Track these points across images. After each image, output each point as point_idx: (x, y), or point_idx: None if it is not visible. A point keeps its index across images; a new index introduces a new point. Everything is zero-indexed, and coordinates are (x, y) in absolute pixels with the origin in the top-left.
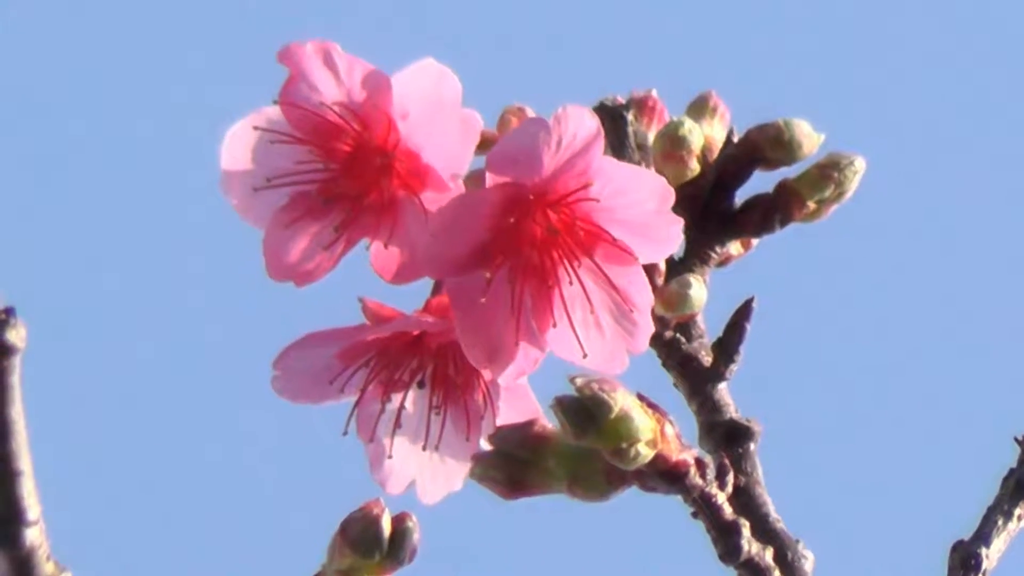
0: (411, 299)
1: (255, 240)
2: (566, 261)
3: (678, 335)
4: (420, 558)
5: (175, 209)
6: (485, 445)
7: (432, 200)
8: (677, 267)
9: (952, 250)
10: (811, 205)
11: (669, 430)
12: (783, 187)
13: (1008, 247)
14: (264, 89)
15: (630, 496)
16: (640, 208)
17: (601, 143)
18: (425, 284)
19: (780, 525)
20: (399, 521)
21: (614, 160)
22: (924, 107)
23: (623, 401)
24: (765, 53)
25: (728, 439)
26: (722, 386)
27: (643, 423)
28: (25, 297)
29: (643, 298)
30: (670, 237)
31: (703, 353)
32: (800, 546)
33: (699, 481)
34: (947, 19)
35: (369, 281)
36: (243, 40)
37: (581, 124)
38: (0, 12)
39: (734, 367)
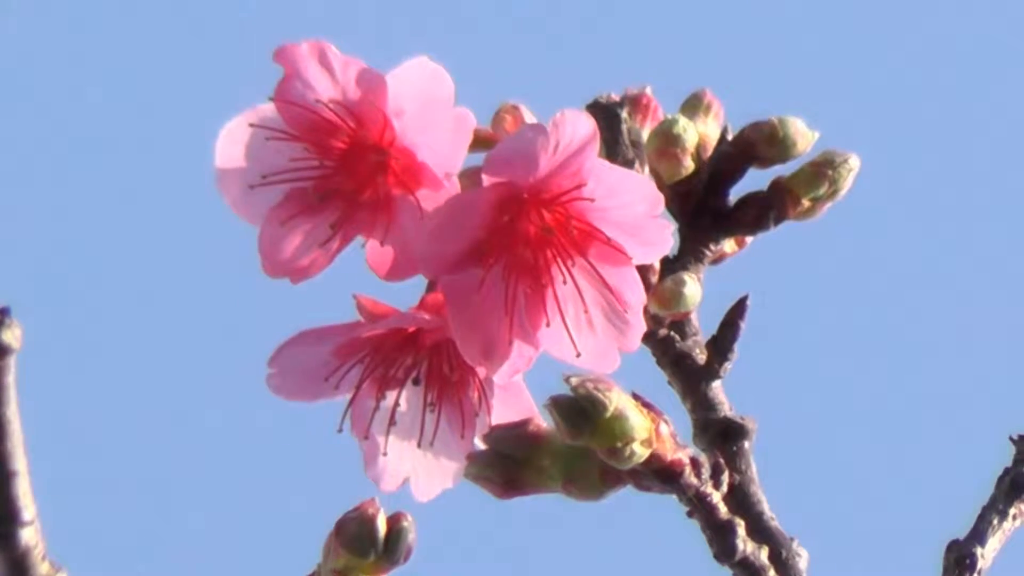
0: (406, 296)
1: (250, 237)
2: (560, 260)
3: (672, 333)
4: (415, 557)
5: (170, 207)
6: (480, 443)
7: (427, 198)
8: (671, 265)
9: (947, 248)
10: (805, 203)
11: (664, 429)
12: (777, 185)
13: (1003, 245)
14: (259, 88)
15: (625, 495)
16: (630, 210)
17: (596, 145)
18: (420, 281)
19: (774, 523)
20: (394, 521)
21: (606, 162)
22: (918, 105)
23: (618, 400)
24: (759, 51)
25: (722, 437)
26: (716, 384)
27: (638, 422)
28: (20, 297)
29: (636, 297)
30: (660, 240)
31: (697, 351)
32: (795, 544)
33: (694, 480)
34: (941, 16)
35: (364, 278)
36: (237, 39)
37: (578, 127)
38: None
39: (728, 365)
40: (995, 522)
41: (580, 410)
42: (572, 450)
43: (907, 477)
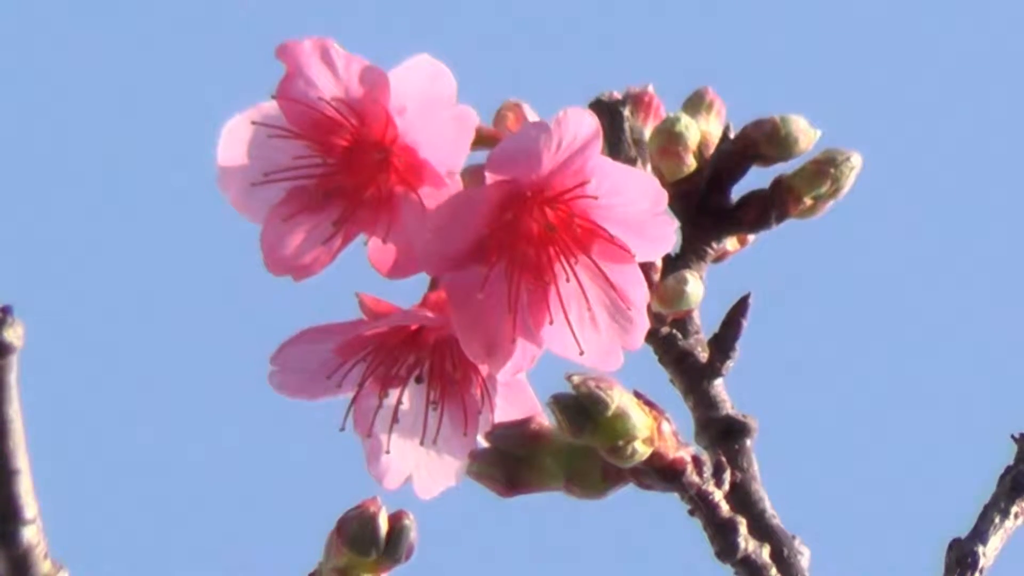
0: (409, 294)
1: (252, 235)
2: (563, 258)
3: (674, 331)
4: (417, 555)
5: (172, 205)
6: (482, 442)
7: (429, 196)
8: (673, 263)
9: (949, 247)
10: (807, 201)
11: (666, 427)
12: (779, 183)
13: (1005, 244)
14: (261, 85)
15: (627, 494)
16: (634, 207)
17: (599, 142)
18: (423, 279)
19: (776, 521)
20: (396, 519)
21: (610, 159)
22: (920, 102)
23: (620, 399)
24: (761, 49)
25: (724, 435)
26: (718, 382)
27: (640, 421)
28: (22, 295)
29: (639, 295)
30: (663, 237)
31: (699, 349)
32: (796, 542)
33: (696, 479)
34: (943, 14)
35: (367, 276)
36: (239, 37)
37: (581, 124)
38: None
39: (730, 363)
40: (997, 521)
41: (581, 408)
42: (574, 448)
43: (909, 476)
